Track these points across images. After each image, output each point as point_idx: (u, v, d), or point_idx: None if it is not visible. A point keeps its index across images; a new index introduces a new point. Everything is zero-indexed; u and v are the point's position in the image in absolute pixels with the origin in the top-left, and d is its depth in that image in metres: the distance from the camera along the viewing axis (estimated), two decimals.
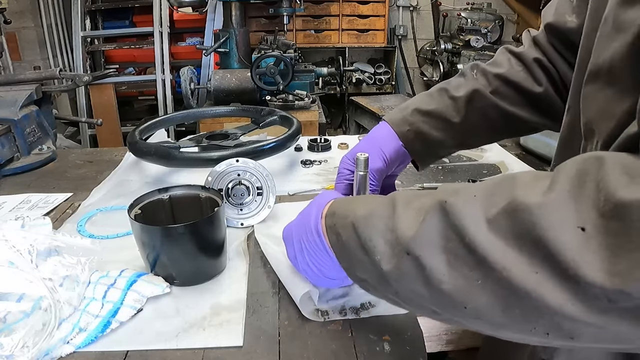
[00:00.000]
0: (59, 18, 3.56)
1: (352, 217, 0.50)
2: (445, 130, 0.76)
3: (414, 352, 0.59)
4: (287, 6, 2.84)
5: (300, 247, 0.60)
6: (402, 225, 0.43)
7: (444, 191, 0.43)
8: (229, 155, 0.92)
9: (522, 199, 0.35)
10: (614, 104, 0.43)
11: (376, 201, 0.50)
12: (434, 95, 0.78)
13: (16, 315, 0.59)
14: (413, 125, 0.76)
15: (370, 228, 0.47)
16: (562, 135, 0.60)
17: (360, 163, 0.67)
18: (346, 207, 0.53)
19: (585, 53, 0.57)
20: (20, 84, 1.36)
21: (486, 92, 0.75)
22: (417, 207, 0.44)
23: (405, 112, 0.78)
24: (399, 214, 0.45)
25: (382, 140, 0.77)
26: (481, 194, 0.39)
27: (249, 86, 2.48)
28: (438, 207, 0.41)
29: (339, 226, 0.52)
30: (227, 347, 0.60)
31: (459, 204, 0.39)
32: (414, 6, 3.91)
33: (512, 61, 0.76)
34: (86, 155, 1.38)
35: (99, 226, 0.92)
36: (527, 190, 0.36)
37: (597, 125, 0.45)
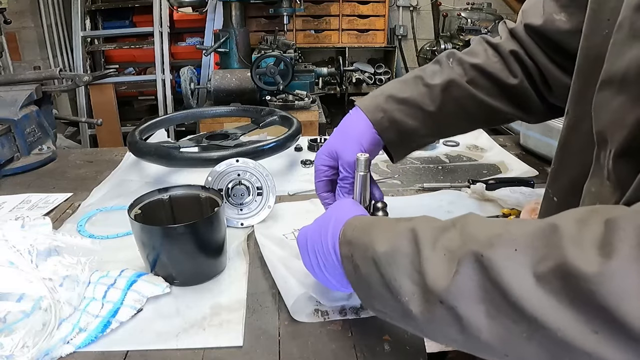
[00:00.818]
0: (59, 18, 3.56)
1: (371, 252, 0.48)
2: (419, 119, 0.74)
3: (414, 352, 0.59)
4: (287, 6, 2.84)
5: (317, 261, 0.59)
6: (432, 273, 0.41)
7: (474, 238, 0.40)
8: (229, 155, 0.92)
9: (576, 265, 0.33)
10: (626, 113, 0.42)
11: (396, 234, 0.47)
12: (409, 83, 0.76)
13: (16, 315, 0.59)
14: (387, 112, 0.73)
15: (394, 267, 0.45)
16: (561, 138, 0.60)
17: (360, 163, 0.67)
18: (363, 238, 0.51)
19: (585, 58, 0.56)
20: (20, 84, 1.36)
21: (462, 82, 0.73)
22: (445, 250, 0.42)
23: (380, 99, 0.75)
24: (426, 256, 0.43)
25: (357, 130, 0.73)
26: (523, 248, 0.37)
27: (249, 86, 2.48)
28: (473, 260, 0.39)
29: (358, 259, 0.50)
30: (227, 347, 0.60)
31: (498, 260, 0.37)
32: (414, 6, 3.91)
33: (489, 52, 0.75)
34: (86, 155, 1.38)
35: (99, 226, 0.92)
36: (579, 252, 0.33)
37: (610, 134, 0.45)
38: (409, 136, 0.76)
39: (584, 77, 0.57)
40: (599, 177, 0.48)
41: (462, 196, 1.03)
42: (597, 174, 0.49)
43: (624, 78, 0.43)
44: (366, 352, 0.59)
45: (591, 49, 0.54)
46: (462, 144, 1.39)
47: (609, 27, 0.48)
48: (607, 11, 0.50)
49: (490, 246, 0.38)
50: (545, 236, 0.36)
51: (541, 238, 0.36)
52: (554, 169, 0.63)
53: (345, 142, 0.73)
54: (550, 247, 0.35)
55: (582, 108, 0.51)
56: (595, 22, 0.53)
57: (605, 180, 0.47)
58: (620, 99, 0.43)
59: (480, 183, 1.02)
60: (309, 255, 0.61)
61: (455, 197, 1.02)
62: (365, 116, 0.74)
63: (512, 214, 0.92)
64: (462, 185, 1.07)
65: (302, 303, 0.66)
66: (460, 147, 1.37)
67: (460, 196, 1.03)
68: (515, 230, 0.38)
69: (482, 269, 0.38)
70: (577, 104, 0.58)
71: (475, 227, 0.42)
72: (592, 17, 0.54)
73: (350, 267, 0.52)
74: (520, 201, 0.96)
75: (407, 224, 0.48)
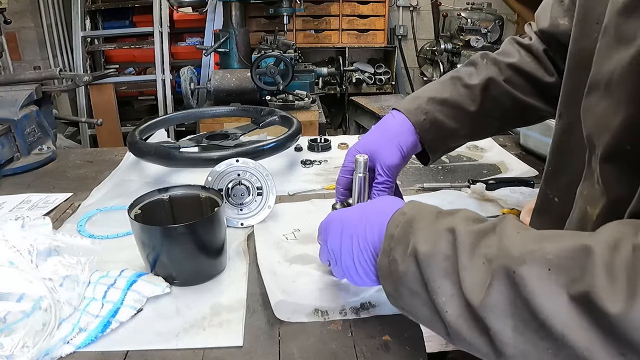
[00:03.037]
0: (59, 18, 3.57)
1: (412, 249, 0.48)
2: (460, 120, 0.74)
3: (414, 352, 0.59)
4: (287, 6, 2.84)
5: (351, 246, 0.57)
6: (469, 281, 0.43)
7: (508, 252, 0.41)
8: (229, 155, 0.92)
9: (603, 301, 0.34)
10: (610, 117, 0.43)
11: (437, 234, 0.48)
12: (447, 84, 0.77)
13: (16, 315, 0.59)
14: (429, 114, 0.73)
15: (434, 268, 0.46)
16: (555, 140, 0.60)
17: (359, 165, 0.66)
18: (406, 234, 0.51)
19: (574, 60, 0.57)
20: (20, 84, 1.36)
21: (500, 80, 0.74)
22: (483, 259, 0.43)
23: (420, 101, 0.75)
24: (464, 263, 0.44)
25: (398, 132, 0.72)
26: (556, 268, 0.37)
27: (249, 86, 2.48)
28: (506, 276, 0.40)
29: (397, 254, 0.51)
30: (227, 347, 0.60)
31: (531, 279, 0.38)
32: (414, 6, 3.91)
33: (522, 52, 0.76)
34: (86, 155, 1.38)
35: (99, 226, 0.92)
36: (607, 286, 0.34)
37: (596, 137, 0.45)
38: (447, 137, 0.76)
39: (574, 81, 0.57)
40: (590, 180, 0.49)
41: (462, 196, 1.03)
42: (589, 177, 0.49)
43: (608, 82, 0.43)
44: (366, 352, 0.59)
45: (581, 52, 0.55)
46: None
47: (597, 31, 0.48)
48: (596, 15, 0.51)
49: (522, 263, 0.39)
50: (578, 258, 0.37)
51: (575, 259, 0.37)
52: (550, 171, 0.63)
53: (386, 144, 0.71)
54: (582, 271, 0.36)
55: (575, 112, 0.51)
56: (584, 26, 0.54)
57: (595, 183, 0.47)
58: (605, 103, 0.44)
59: (480, 183, 1.02)
60: (341, 239, 0.59)
61: (455, 197, 1.02)
62: (405, 118, 0.73)
63: (512, 214, 0.92)
64: (462, 185, 1.07)
65: (284, 305, 0.66)
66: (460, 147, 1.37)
67: (460, 196, 1.03)
68: (549, 248, 0.39)
69: (513, 285, 0.39)
70: (569, 108, 0.58)
71: (512, 238, 0.43)
72: (580, 21, 0.55)
73: (386, 261, 0.52)
74: (520, 201, 0.96)
75: (448, 221, 0.49)
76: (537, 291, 0.37)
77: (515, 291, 0.39)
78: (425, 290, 0.47)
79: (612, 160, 0.44)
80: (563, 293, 0.36)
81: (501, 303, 0.40)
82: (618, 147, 0.42)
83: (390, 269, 0.52)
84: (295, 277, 0.73)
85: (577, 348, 0.35)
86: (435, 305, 0.45)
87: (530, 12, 3.55)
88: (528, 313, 0.38)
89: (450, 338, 0.46)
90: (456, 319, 0.43)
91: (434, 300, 0.45)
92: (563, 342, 0.36)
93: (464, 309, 0.43)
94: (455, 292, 0.44)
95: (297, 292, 0.69)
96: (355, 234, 0.57)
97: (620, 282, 0.34)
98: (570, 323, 0.36)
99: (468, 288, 0.42)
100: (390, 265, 0.51)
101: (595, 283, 0.35)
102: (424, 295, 0.47)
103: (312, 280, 0.72)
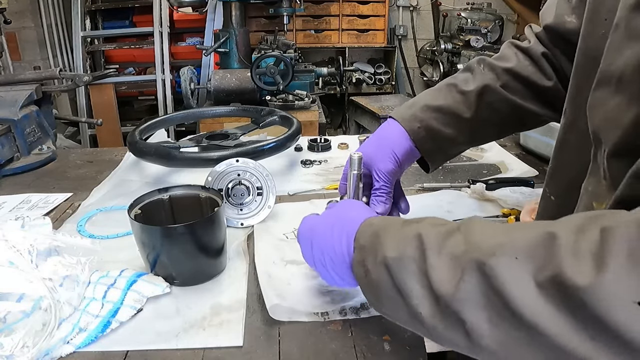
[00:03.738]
0: (59, 18, 3.56)
1: (381, 257, 0.49)
2: (456, 127, 0.74)
3: (414, 352, 0.59)
4: (287, 6, 2.84)
5: (323, 258, 0.59)
6: (438, 279, 0.43)
7: (477, 246, 0.41)
8: (229, 155, 0.92)
9: (570, 276, 0.34)
10: (620, 113, 0.43)
11: (404, 240, 0.48)
12: (443, 91, 0.77)
13: (16, 315, 0.59)
14: (423, 122, 0.74)
15: (404, 272, 0.46)
16: (559, 137, 0.60)
17: (354, 162, 0.67)
18: (375, 244, 0.52)
19: (583, 57, 0.56)
20: (20, 84, 1.36)
21: (496, 86, 0.74)
22: (451, 256, 0.43)
23: (415, 109, 0.75)
24: (431, 262, 0.44)
25: (392, 140, 0.74)
26: (523, 257, 0.38)
27: (249, 86, 2.48)
28: (476, 268, 0.40)
29: (369, 264, 0.51)
30: (227, 347, 0.60)
31: (500, 268, 0.38)
32: (414, 6, 3.91)
33: (520, 55, 0.75)
34: (86, 155, 1.38)
35: (99, 226, 0.92)
36: (574, 264, 0.34)
37: (604, 133, 0.45)
38: (445, 145, 0.76)
39: (581, 77, 0.57)
40: (595, 176, 0.49)
41: (462, 196, 1.03)
42: (594, 173, 0.49)
43: (620, 78, 0.43)
44: (366, 352, 0.59)
45: (589, 49, 0.54)
46: None
47: (605, 28, 0.48)
48: (605, 12, 0.51)
49: (492, 255, 0.40)
50: (544, 245, 0.37)
51: (540, 247, 0.37)
52: (552, 168, 0.63)
53: (380, 152, 0.73)
54: (548, 256, 0.36)
55: (578, 107, 0.51)
56: (593, 23, 0.54)
57: (601, 179, 0.47)
58: (617, 98, 0.44)
59: (480, 183, 1.02)
60: (312, 251, 0.60)
61: (455, 197, 1.02)
62: (401, 127, 0.74)
63: (512, 214, 0.92)
64: (462, 185, 1.07)
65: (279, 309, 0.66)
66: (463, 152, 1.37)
67: (460, 196, 1.03)
68: (516, 239, 0.39)
69: (484, 277, 0.39)
70: (574, 104, 0.58)
71: (479, 233, 0.43)
72: (589, 18, 0.55)
73: (362, 272, 0.53)
74: (520, 201, 0.96)
75: (414, 228, 0.49)
76: (507, 281, 0.38)
77: (486, 283, 0.39)
78: (399, 295, 0.47)
79: (622, 155, 0.43)
80: (531, 281, 0.36)
81: (474, 296, 0.40)
82: (629, 143, 0.42)
83: (367, 279, 0.52)
84: (291, 279, 0.73)
85: (549, 335, 0.35)
86: (411, 308, 0.46)
87: (530, 12, 3.55)
88: (501, 304, 0.38)
89: (432, 337, 0.46)
90: (431, 318, 0.44)
91: (409, 304, 0.46)
92: (536, 330, 0.36)
93: (436, 306, 0.43)
94: (426, 292, 0.44)
95: (293, 295, 0.69)
96: (325, 247, 0.58)
97: (586, 259, 0.34)
98: (540, 310, 0.36)
99: (438, 285, 0.43)
100: (366, 275, 0.52)
101: (561, 264, 0.35)
102: (399, 300, 0.47)
103: (308, 281, 0.72)
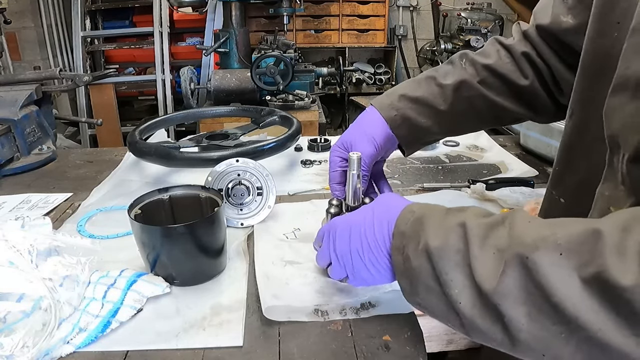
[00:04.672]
0: (59, 18, 3.57)
1: (424, 246, 0.49)
2: (431, 117, 0.77)
3: (414, 352, 0.59)
4: (287, 6, 2.84)
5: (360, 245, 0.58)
6: (481, 271, 0.43)
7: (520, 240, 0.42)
8: (229, 155, 0.92)
9: (615, 275, 0.34)
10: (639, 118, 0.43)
11: (447, 229, 0.49)
12: (422, 83, 0.79)
13: (16, 315, 0.59)
14: (400, 110, 0.77)
15: (445, 261, 0.47)
16: (565, 139, 0.60)
17: (353, 162, 0.67)
18: (416, 230, 0.52)
19: (592, 58, 0.56)
20: (20, 84, 1.36)
21: (474, 82, 0.76)
22: (494, 249, 0.43)
23: (393, 98, 0.79)
24: (475, 254, 0.44)
25: (371, 126, 0.78)
26: (567, 252, 0.38)
27: (249, 86, 2.48)
28: (519, 262, 0.40)
29: (410, 250, 0.51)
30: (227, 347, 0.60)
31: (544, 264, 0.39)
32: (414, 6, 3.91)
33: (501, 53, 0.77)
34: (86, 155, 1.38)
35: (99, 226, 0.92)
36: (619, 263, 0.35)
37: (623, 138, 0.45)
38: (421, 133, 0.79)
39: (590, 79, 0.56)
40: (612, 182, 0.48)
41: (462, 196, 1.03)
42: (610, 178, 0.49)
43: (639, 83, 0.43)
44: (366, 352, 0.59)
45: (598, 51, 0.54)
46: (462, 144, 1.39)
47: (619, 30, 0.47)
48: (617, 14, 0.50)
49: (535, 249, 0.40)
50: (589, 242, 0.37)
51: (585, 243, 0.38)
52: (558, 171, 0.62)
53: (359, 137, 0.76)
54: (593, 253, 0.37)
55: (590, 110, 0.51)
56: (603, 25, 0.53)
57: (619, 184, 0.47)
58: (636, 103, 0.44)
59: (480, 183, 1.02)
60: (350, 239, 0.59)
61: (455, 197, 1.02)
62: (379, 114, 0.78)
63: None
64: (462, 185, 1.07)
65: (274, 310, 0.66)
66: (460, 147, 1.37)
67: (460, 196, 1.03)
68: (560, 233, 0.40)
69: (526, 271, 0.40)
70: (583, 106, 0.57)
71: (523, 227, 0.43)
72: (599, 20, 0.54)
73: (400, 259, 0.53)
74: (520, 201, 0.96)
75: (458, 217, 0.49)
76: (550, 276, 0.38)
77: (528, 277, 0.40)
78: (438, 284, 0.47)
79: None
80: (574, 276, 0.37)
81: (515, 289, 0.40)
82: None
83: (404, 266, 0.52)
84: (290, 279, 0.73)
85: (590, 330, 0.36)
86: (449, 298, 0.46)
87: (530, 12, 3.54)
88: (541, 298, 0.38)
89: (465, 330, 0.47)
90: (470, 309, 0.44)
91: (448, 293, 0.46)
92: (577, 325, 0.36)
93: (477, 298, 0.43)
94: (467, 283, 0.44)
95: (291, 294, 0.69)
96: (364, 235, 0.58)
97: (631, 258, 0.34)
98: (582, 305, 0.36)
99: (480, 277, 0.43)
100: (405, 262, 0.52)
101: (606, 262, 0.35)
102: (437, 289, 0.48)
103: (307, 281, 0.72)
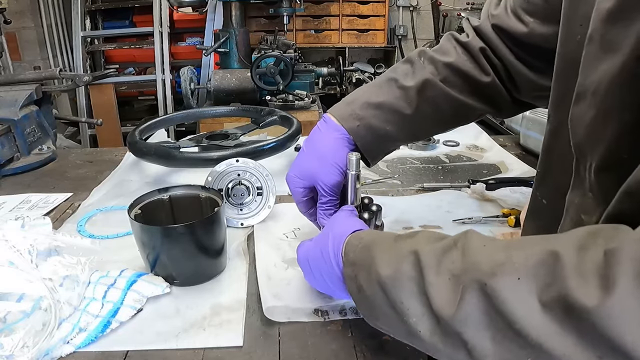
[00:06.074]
0: (59, 18, 3.57)
1: (376, 275, 0.48)
2: (397, 123, 0.72)
3: (414, 352, 0.59)
4: (287, 6, 2.84)
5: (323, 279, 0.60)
6: (438, 299, 0.42)
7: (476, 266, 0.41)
8: (229, 155, 0.92)
9: (577, 297, 0.33)
10: (599, 126, 0.42)
11: (399, 257, 0.47)
12: (383, 86, 0.74)
13: (16, 315, 0.59)
14: (363, 120, 0.71)
15: (400, 290, 0.46)
16: (544, 142, 0.60)
17: (352, 163, 0.67)
18: (366, 260, 0.51)
19: (563, 62, 0.55)
20: (20, 84, 1.36)
21: (436, 81, 0.72)
22: (449, 275, 0.42)
23: (354, 106, 0.72)
24: (431, 281, 0.43)
25: (332, 148, 0.70)
26: (526, 277, 0.37)
27: (249, 86, 2.48)
28: (477, 288, 0.39)
29: (362, 280, 0.51)
30: (227, 347, 0.60)
31: (502, 289, 0.38)
32: (414, 6, 3.91)
33: (459, 50, 0.74)
34: (86, 155, 1.38)
35: (99, 226, 0.92)
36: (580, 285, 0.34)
37: (589, 148, 0.45)
38: (385, 142, 0.74)
39: (561, 83, 0.56)
40: (580, 189, 0.48)
41: (462, 196, 1.03)
42: (578, 186, 0.48)
43: (595, 91, 0.43)
44: (366, 352, 0.59)
45: (567, 54, 0.53)
46: (462, 144, 1.38)
47: (581, 33, 0.47)
48: (579, 17, 0.49)
49: (493, 275, 0.39)
50: (547, 264, 0.37)
51: (543, 266, 0.37)
52: (540, 173, 0.62)
53: (321, 165, 0.70)
54: (552, 276, 0.36)
55: (562, 114, 0.50)
56: (569, 28, 0.53)
57: (587, 192, 0.46)
58: (593, 112, 0.43)
59: (480, 183, 1.02)
60: (312, 274, 0.62)
61: (455, 197, 1.02)
62: (338, 126, 0.71)
63: (512, 214, 0.92)
64: (462, 185, 1.07)
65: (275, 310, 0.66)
66: (460, 147, 1.37)
67: (460, 196, 1.03)
68: (517, 258, 0.39)
69: (486, 297, 0.39)
70: (555, 111, 0.57)
71: (478, 251, 0.42)
72: (565, 23, 0.54)
73: (354, 288, 0.53)
74: (520, 201, 0.96)
75: (408, 244, 0.48)
76: (510, 301, 0.37)
77: (488, 303, 0.39)
78: (395, 312, 0.46)
79: (610, 169, 0.43)
80: (535, 301, 0.36)
81: (475, 316, 0.39)
82: (615, 157, 0.42)
83: (360, 295, 0.52)
84: (291, 280, 0.73)
85: (555, 355, 0.35)
86: (409, 326, 0.45)
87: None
88: (504, 323, 0.37)
89: (431, 353, 0.46)
90: (430, 337, 0.43)
91: (406, 322, 0.45)
92: (540, 350, 0.35)
93: (436, 325, 0.42)
94: (424, 311, 0.43)
95: (292, 294, 0.69)
96: (322, 271, 0.59)
97: (592, 279, 0.33)
98: (545, 330, 0.35)
99: (438, 304, 0.42)
100: (359, 291, 0.52)
101: (567, 285, 0.34)
102: (395, 317, 0.47)
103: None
